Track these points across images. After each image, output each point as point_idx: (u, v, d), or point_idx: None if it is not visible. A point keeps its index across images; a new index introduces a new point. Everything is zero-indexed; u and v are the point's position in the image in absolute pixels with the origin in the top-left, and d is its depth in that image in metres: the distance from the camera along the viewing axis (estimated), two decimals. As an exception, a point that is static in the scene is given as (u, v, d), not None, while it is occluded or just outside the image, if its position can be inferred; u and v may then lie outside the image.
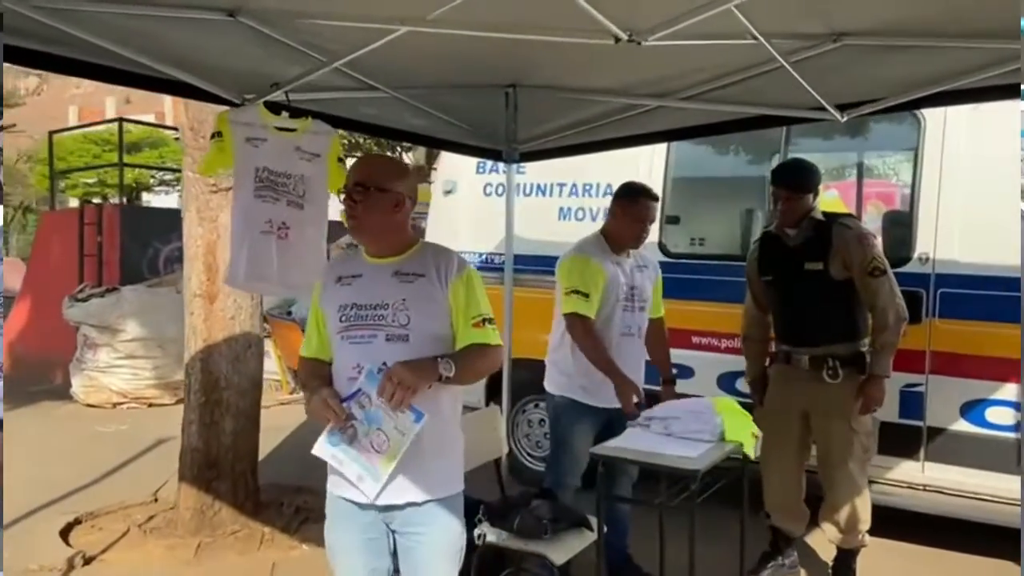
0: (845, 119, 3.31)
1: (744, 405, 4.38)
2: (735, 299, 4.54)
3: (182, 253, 4.74)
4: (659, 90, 3.62)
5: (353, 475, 2.19)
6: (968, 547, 4.07)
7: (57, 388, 8.82)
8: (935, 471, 4.12)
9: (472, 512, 2.99)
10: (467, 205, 5.57)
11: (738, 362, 4.52)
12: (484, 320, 2.25)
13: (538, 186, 5.37)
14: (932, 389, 4.08)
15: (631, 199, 3.62)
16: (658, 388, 3.86)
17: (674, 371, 3.89)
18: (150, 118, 26.33)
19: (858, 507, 3.57)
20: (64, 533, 4.45)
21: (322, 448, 2.20)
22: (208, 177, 4.21)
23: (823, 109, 3.30)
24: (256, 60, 2.83)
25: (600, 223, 4.95)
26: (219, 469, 4.40)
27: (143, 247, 9.81)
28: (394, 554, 2.31)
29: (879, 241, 3.74)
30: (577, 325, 3.48)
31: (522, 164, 5.35)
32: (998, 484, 3.89)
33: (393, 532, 2.28)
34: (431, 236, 5.85)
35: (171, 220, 9.76)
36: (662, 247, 4.85)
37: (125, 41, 2.55)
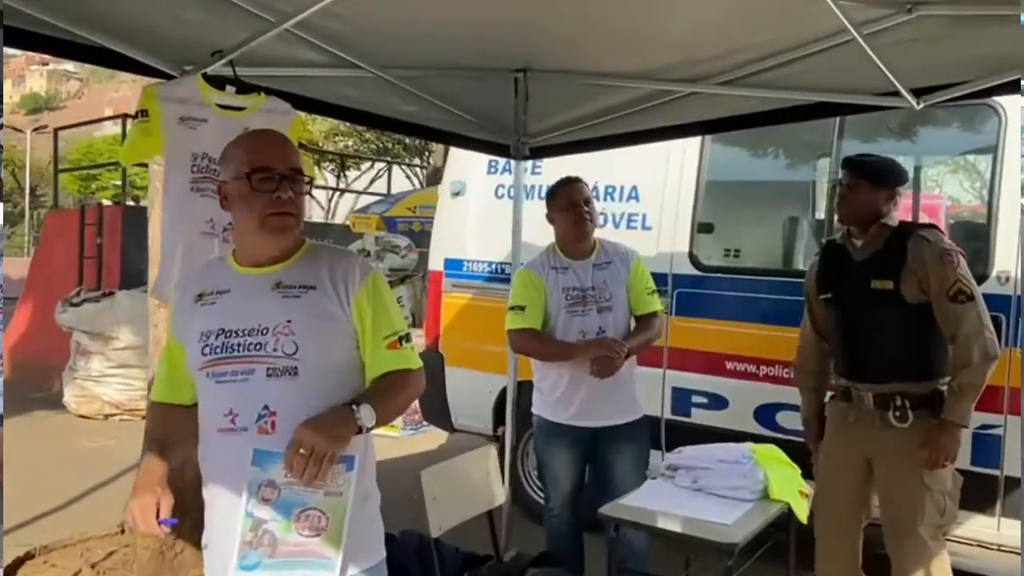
0: (922, 106, 2.72)
1: (789, 446, 3.86)
2: (776, 320, 4.01)
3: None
4: (692, 74, 3.10)
5: None
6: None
7: (53, 396, 8.44)
8: (1013, 529, 3.48)
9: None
10: (476, 208, 5.03)
11: (779, 392, 3.97)
12: (400, 338, 1.78)
13: (555, 188, 4.81)
14: (1011, 432, 3.44)
15: (552, 196, 3.39)
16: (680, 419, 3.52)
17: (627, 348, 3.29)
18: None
19: None
20: (12, 569, 3.96)
21: None
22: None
23: (894, 94, 2.72)
24: (197, 24, 2.33)
25: (623, 229, 4.47)
26: (183, 505, 3.86)
27: (146, 249, 9.38)
28: None
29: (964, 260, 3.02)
30: (514, 339, 3.36)
31: (538, 164, 4.89)
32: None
33: None
34: (436, 242, 5.34)
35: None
36: (692, 259, 4.26)
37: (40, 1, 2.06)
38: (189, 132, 2.33)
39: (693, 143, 4.28)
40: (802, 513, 2.57)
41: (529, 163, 4.92)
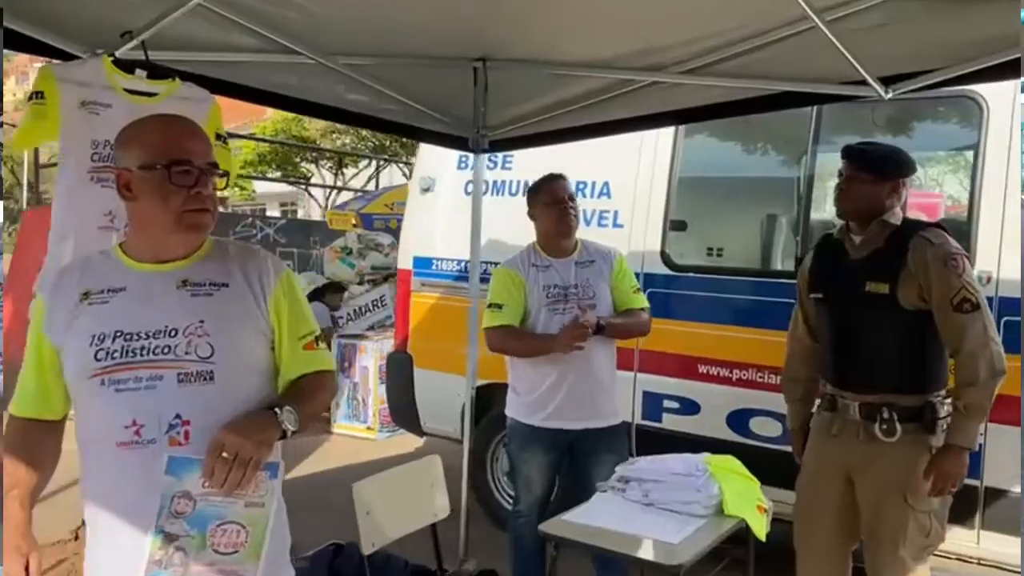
0: (890, 95, 2.55)
1: (762, 453, 3.70)
2: (749, 322, 3.85)
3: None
4: (653, 62, 2.95)
5: None
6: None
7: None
8: (992, 542, 3.32)
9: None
10: (446, 205, 4.86)
11: (752, 397, 3.81)
12: (316, 339, 1.72)
13: (526, 184, 4.63)
14: (992, 441, 3.26)
15: (535, 192, 3.31)
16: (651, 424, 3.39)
17: (602, 322, 3.16)
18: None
19: None
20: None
21: None
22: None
23: (862, 83, 2.55)
24: (107, 3, 2.16)
25: (595, 227, 4.31)
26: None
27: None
28: None
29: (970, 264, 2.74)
30: (491, 337, 3.24)
31: (508, 158, 4.73)
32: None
33: None
34: (405, 240, 5.18)
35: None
36: (664, 257, 4.09)
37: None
38: (91, 117, 2.16)
39: (666, 138, 4.11)
40: (760, 529, 2.40)
41: (500, 158, 4.79)
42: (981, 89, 3.32)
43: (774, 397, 3.64)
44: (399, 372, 5.00)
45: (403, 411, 5.03)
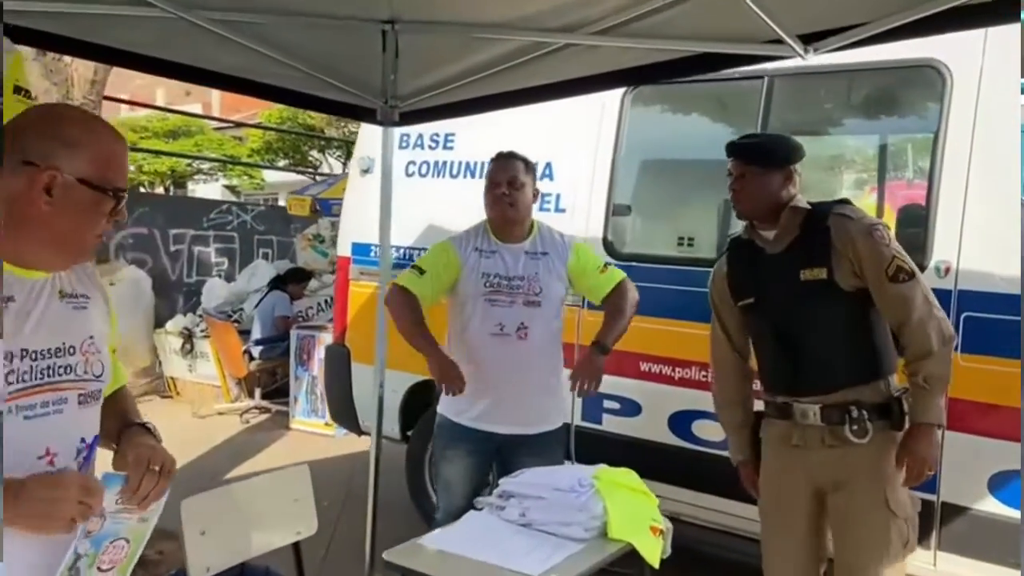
0: (810, 55, 2.22)
1: (706, 458, 3.41)
2: (695, 316, 3.50)
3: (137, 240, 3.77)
4: (567, 22, 2.61)
5: None
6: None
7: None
8: (950, 564, 2.99)
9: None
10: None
11: (697, 398, 3.48)
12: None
13: (467, 166, 4.33)
14: (949, 451, 2.90)
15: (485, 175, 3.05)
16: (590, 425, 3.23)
17: (608, 341, 2.97)
18: (197, 108, 26.80)
19: None
20: None
21: None
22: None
23: (781, 43, 2.22)
24: None
25: (536, 212, 3.98)
26: None
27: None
28: None
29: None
30: (393, 293, 3.01)
31: (450, 137, 4.44)
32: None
33: None
34: (344, 225, 4.92)
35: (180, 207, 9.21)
36: (607, 244, 3.77)
37: None
38: None
39: (610, 117, 3.79)
40: (652, 554, 2.08)
41: (441, 137, 4.49)
42: (944, 57, 2.98)
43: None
44: (337, 366, 4.72)
45: (341, 408, 4.74)
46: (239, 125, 25.19)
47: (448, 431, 3.02)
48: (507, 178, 2.93)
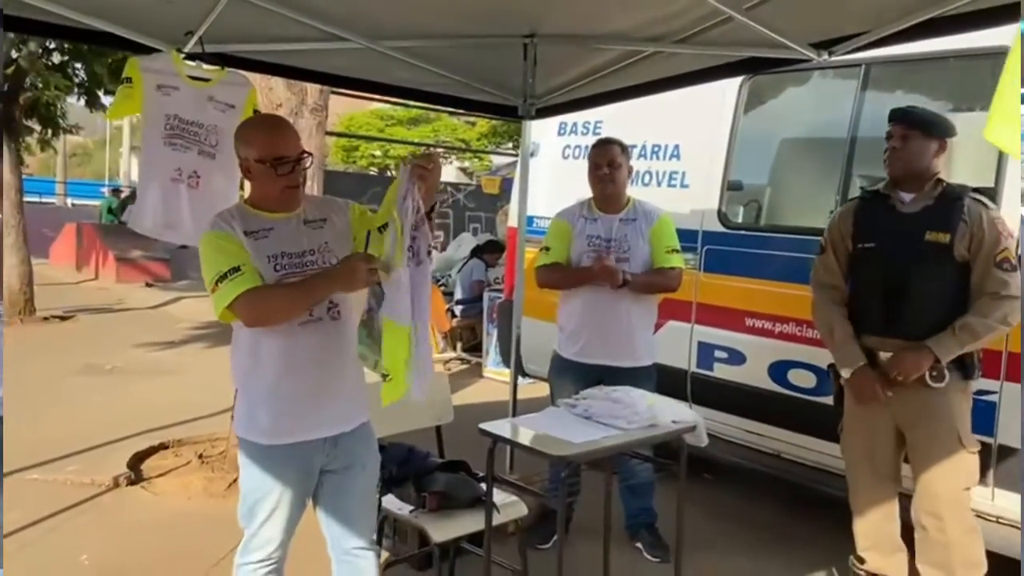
0: (824, 58, 2.80)
1: (799, 402, 3.91)
2: (790, 277, 4.00)
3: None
4: (654, 34, 3.28)
5: None
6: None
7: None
8: (1007, 500, 3.30)
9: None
10: (547, 168, 5.34)
11: (793, 350, 3.97)
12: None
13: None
14: (1007, 399, 3.25)
15: (587, 158, 3.70)
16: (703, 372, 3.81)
17: (632, 279, 3.58)
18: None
19: (971, 547, 2.93)
20: (146, 455, 4.98)
21: None
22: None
23: (820, 46, 2.81)
24: (175, 5, 2.88)
25: (665, 187, 4.62)
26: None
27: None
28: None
29: None
30: (538, 274, 3.80)
31: (600, 124, 5.12)
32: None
33: None
34: (515, 200, 5.71)
35: (362, 182, 10.43)
36: (721, 216, 4.32)
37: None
38: (163, 98, 2.94)
39: (728, 104, 4.31)
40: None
41: (592, 124, 5.19)
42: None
43: (810, 350, 3.85)
44: (507, 319, 5.59)
45: (509, 354, 5.60)
46: (470, 113, 26.78)
47: (558, 364, 3.78)
48: (607, 160, 3.61)
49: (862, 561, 3.14)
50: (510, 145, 25.08)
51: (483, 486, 3.03)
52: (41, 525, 3.87)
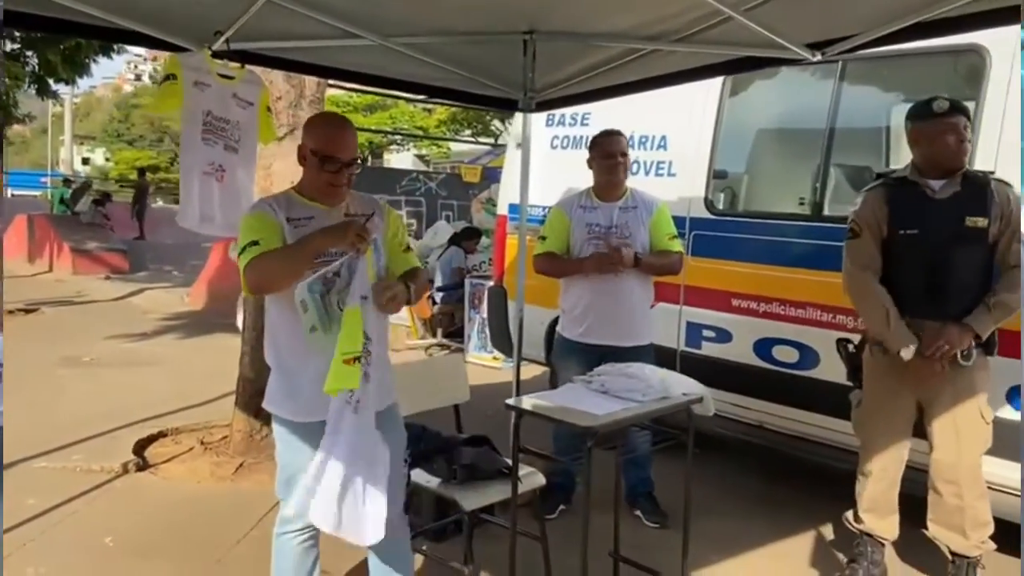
0: (818, 58, 2.99)
1: (783, 376, 4.17)
2: (772, 259, 4.27)
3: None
4: (653, 33, 3.45)
5: None
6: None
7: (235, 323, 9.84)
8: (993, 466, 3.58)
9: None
10: (535, 158, 5.50)
11: (776, 328, 4.25)
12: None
13: (596, 138, 5.22)
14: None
15: (593, 146, 3.95)
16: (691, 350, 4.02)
17: (643, 258, 3.83)
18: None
19: (981, 509, 3.18)
20: (147, 443, 5.07)
21: None
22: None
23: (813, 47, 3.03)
24: (207, 7, 3.00)
25: (652, 177, 4.85)
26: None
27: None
28: None
29: None
30: (536, 262, 3.96)
31: (587, 115, 5.33)
32: None
33: None
34: (503, 189, 5.94)
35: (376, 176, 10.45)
36: (707, 203, 4.57)
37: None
38: (200, 94, 3.06)
39: (712, 98, 4.56)
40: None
41: (580, 115, 5.40)
42: (984, 40, 3.53)
43: (793, 328, 4.12)
44: (496, 303, 5.79)
45: (500, 337, 5.81)
46: (427, 101, 26.82)
47: (563, 345, 3.99)
48: (619, 150, 3.84)
49: (859, 520, 3.40)
50: (468, 133, 25.16)
51: (504, 459, 3.25)
52: (60, 510, 3.97)
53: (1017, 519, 3.41)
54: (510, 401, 3.01)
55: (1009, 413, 3.49)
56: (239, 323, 9.15)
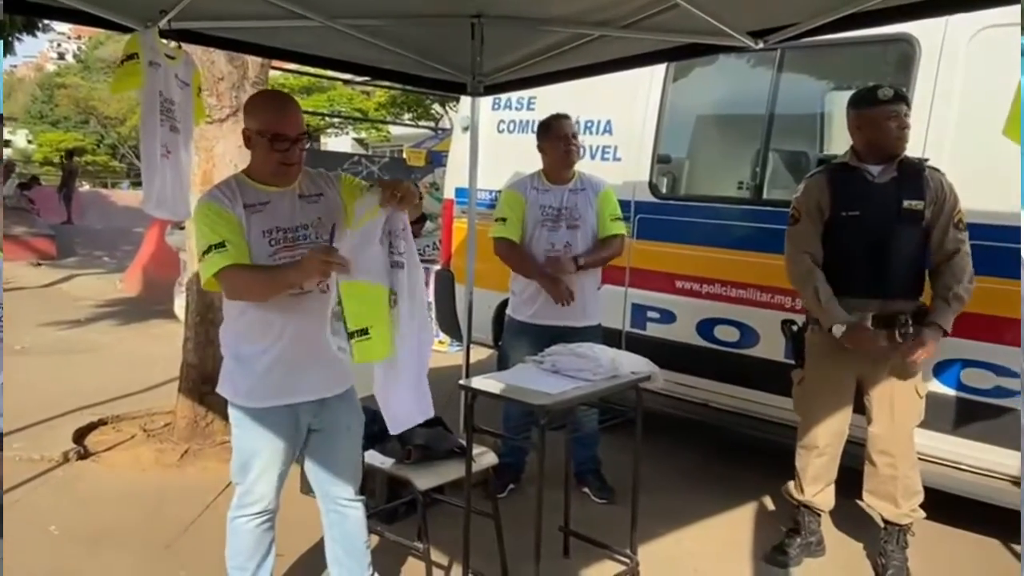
0: (761, 46, 3.08)
1: (725, 355, 4.28)
2: (715, 242, 4.38)
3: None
4: (602, 19, 3.49)
5: None
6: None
7: (170, 309, 9.66)
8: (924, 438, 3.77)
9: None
10: (482, 142, 5.53)
11: (719, 309, 4.37)
12: None
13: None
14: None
15: (544, 129, 4.01)
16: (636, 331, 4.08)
17: (580, 260, 3.90)
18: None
19: (913, 478, 3.34)
20: (87, 431, 4.97)
21: None
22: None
23: (756, 35, 3.12)
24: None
25: (598, 161, 4.92)
26: (213, 384, 4.69)
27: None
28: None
29: None
30: (498, 245, 4.01)
31: (533, 100, 5.37)
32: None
33: None
34: (449, 174, 5.94)
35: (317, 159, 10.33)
36: (652, 187, 4.66)
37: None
38: (155, 73, 2.99)
39: (657, 84, 4.64)
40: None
41: (525, 100, 5.44)
42: (914, 29, 3.67)
43: (734, 308, 4.25)
44: (444, 287, 5.82)
45: (447, 321, 5.85)
46: (367, 83, 26.50)
47: (513, 327, 4.06)
48: (572, 133, 3.93)
49: (800, 491, 3.53)
50: (409, 116, 24.92)
51: (457, 438, 3.29)
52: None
53: (945, 488, 3.62)
54: (463, 381, 3.05)
55: (937, 387, 3.66)
56: (176, 309, 9.06)
